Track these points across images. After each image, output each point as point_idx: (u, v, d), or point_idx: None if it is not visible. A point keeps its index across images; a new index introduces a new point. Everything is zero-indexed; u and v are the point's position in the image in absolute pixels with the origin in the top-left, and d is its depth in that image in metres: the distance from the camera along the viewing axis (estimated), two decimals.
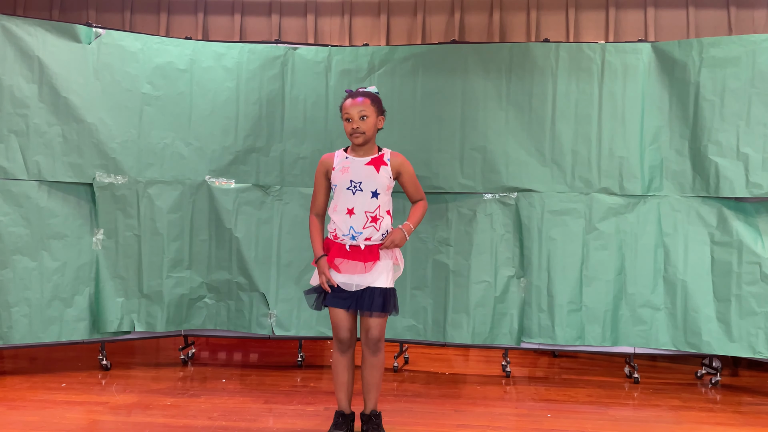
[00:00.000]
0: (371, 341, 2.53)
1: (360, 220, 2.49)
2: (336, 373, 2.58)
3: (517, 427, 2.85)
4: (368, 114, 2.51)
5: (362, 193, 2.50)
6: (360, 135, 2.50)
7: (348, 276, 2.49)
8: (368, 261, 2.49)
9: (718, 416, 3.07)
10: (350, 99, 2.53)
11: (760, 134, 3.42)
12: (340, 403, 2.60)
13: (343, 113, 2.54)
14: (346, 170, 2.53)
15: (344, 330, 2.52)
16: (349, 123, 2.51)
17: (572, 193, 3.65)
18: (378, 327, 2.51)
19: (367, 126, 2.51)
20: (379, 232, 2.52)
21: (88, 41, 3.59)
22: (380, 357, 2.56)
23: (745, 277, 3.41)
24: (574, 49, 3.65)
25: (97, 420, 2.81)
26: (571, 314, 3.61)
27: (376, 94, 2.58)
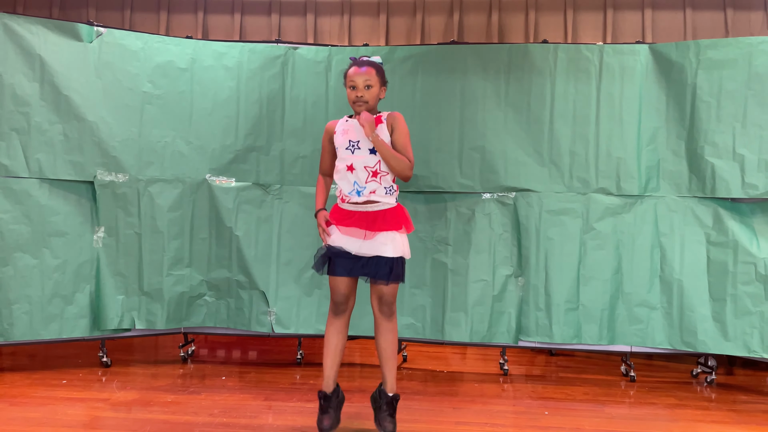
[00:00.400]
0: (384, 305, 2.59)
1: (361, 175, 2.58)
2: (328, 335, 2.63)
3: (514, 424, 2.88)
4: (372, 83, 2.58)
5: (360, 151, 2.59)
6: (363, 104, 2.57)
7: (349, 239, 2.56)
8: (371, 229, 2.56)
9: (713, 414, 3.11)
10: (356, 67, 2.59)
11: (755, 136, 3.45)
12: (324, 373, 2.61)
13: (348, 81, 2.59)
14: (346, 132, 2.64)
15: (340, 294, 2.60)
16: (353, 91, 2.57)
17: (570, 193, 3.68)
18: (390, 292, 2.58)
19: (371, 95, 2.58)
20: (382, 185, 2.58)
21: (89, 40, 3.61)
22: (394, 321, 2.62)
23: (741, 276, 3.45)
24: (573, 50, 3.68)
25: (99, 416, 2.83)
26: (568, 313, 3.65)
27: (381, 64, 2.64)
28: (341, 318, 2.62)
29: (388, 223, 2.57)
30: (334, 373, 2.62)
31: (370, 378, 3.62)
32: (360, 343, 4.50)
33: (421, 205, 3.78)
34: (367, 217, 2.58)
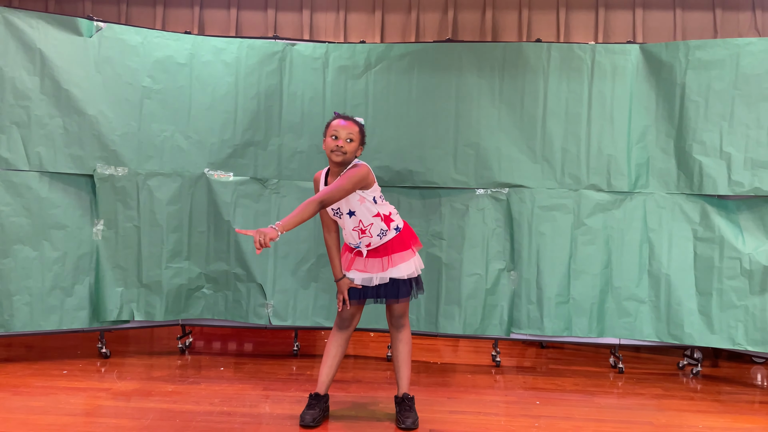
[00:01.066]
0: (395, 319, 2.78)
1: (354, 235, 2.75)
2: (329, 346, 2.79)
3: (507, 413, 2.97)
4: (354, 138, 2.69)
5: (345, 216, 2.73)
6: (341, 154, 2.65)
7: (365, 275, 2.73)
8: (384, 256, 2.73)
9: (698, 404, 3.21)
10: (341, 120, 2.70)
11: (742, 134, 3.55)
12: (319, 379, 2.79)
13: (330, 131, 2.70)
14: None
15: (349, 314, 2.78)
16: (334, 140, 2.66)
17: (561, 190, 3.77)
18: (400, 308, 2.78)
19: (350, 148, 2.67)
20: (374, 236, 2.73)
21: (89, 34, 3.64)
22: (406, 333, 2.81)
23: (726, 271, 3.55)
24: (565, 49, 3.76)
25: (101, 405, 2.89)
26: (559, 306, 3.74)
27: (363, 125, 2.76)
28: (345, 332, 2.81)
29: (396, 249, 2.74)
30: (329, 380, 2.81)
31: (364, 369, 3.70)
32: (354, 336, 4.58)
33: (416, 200, 3.85)
34: (377, 251, 2.74)
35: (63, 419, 2.69)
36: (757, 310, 3.49)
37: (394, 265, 2.72)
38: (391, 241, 2.74)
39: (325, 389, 2.79)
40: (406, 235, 2.79)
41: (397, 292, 2.73)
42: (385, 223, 2.73)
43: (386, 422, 2.79)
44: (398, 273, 2.71)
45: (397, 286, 2.73)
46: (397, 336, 2.80)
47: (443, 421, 2.82)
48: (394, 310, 2.78)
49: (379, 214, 2.72)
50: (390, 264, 2.72)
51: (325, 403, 2.80)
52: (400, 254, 2.74)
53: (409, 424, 2.69)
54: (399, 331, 2.80)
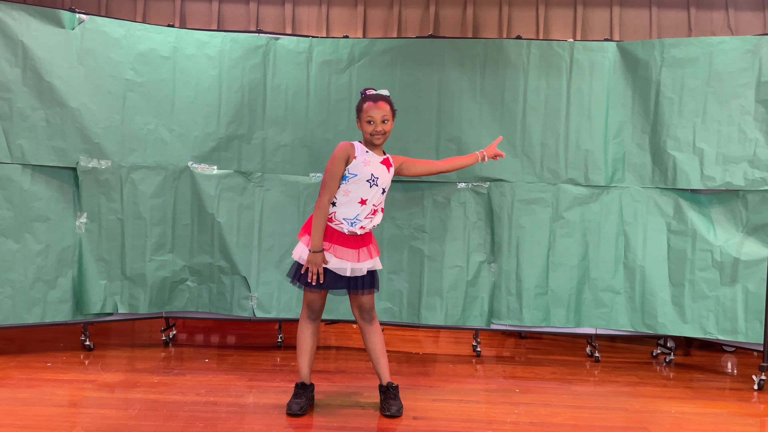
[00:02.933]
0: (365, 312, 2.82)
1: (366, 211, 2.73)
2: (302, 338, 2.82)
3: (488, 400, 3.06)
4: (388, 117, 2.74)
5: (377, 188, 2.75)
6: (381, 136, 2.73)
7: (342, 261, 2.72)
8: (359, 247, 2.75)
9: (671, 391, 3.33)
10: (370, 102, 2.72)
11: (714, 131, 3.67)
12: (301, 371, 2.83)
13: (365, 115, 2.72)
14: (368, 163, 2.74)
15: (317, 303, 2.81)
16: (371, 125, 2.71)
17: (540, 184, 3.86)
18: (369, 301, 2.81)
19: (388, 128, 2.75)
20: (372, 222, 2.78)
21: (71, 27, 3.63)
22: (376, 324, 2.85)
23: (698, 263, 3.68)
24: (545, 46, 3.84)
25: (88, 396, 2.91)
26: (537, 297, 3.84)
27: (389, 96, 2.79)
28: (315, 322, 2.85)
29: (366, 241, 2.80)
30: (310, 369, 2.86)
31: (347, 360, 3.76)
32: (337, 328, 4.64)
33: (399, 193, 3.91)
34: (357, 240, 2.76)
35: (49, 410, 2.71)
36: (728, 300, 3.61)
37: (372, 257, 2.79)
38: (367, 234, 2.81)
39: (309, 379, 2.85)
40: (372, 236, 2.88)
41: (372, 282, 2.78)
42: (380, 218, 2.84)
43: (371, 410, 2.86)
44: (375, 264, 2.80)
45: (372, 278, 2.79)
46: (370, 329, 2.84)
47: (426, 408, 2.90)
48: (364, 304, 2.80)
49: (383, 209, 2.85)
50: (370, 255, 2.77)
51: (310, 392, 2.86)
52: (376, 247, 2.84)
53: (394, 412, 2.76)
54: (371, 323, 2.83)
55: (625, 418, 2.87)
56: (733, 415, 2.97)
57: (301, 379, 2.84)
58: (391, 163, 2.84)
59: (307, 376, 2.84)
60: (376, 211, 2.78)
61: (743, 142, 3.61)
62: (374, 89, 2.80)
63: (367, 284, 2.77)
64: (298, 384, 2.83)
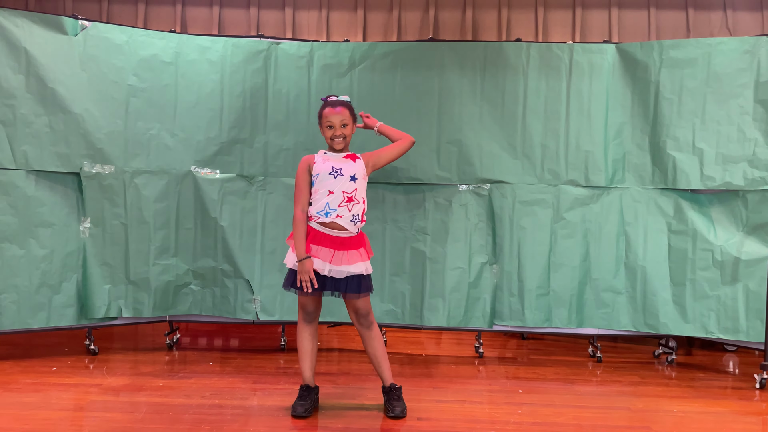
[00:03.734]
0: (361, 317, 2.82)
1: (337, 199, 2.76)
2: (301, 342, 2.84)
3: (491, 401, 3.07)
4: (347, 122, 2.84)
5: (342, 177, 2.78)
6: (342, 140, 2.83)
7: (321, 262, 2.72)
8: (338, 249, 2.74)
9: (673, 390, 3.35)
10: (329, 108, 2.82)
11: (713, 131, 3.69)
12: (304, 374, 2.85)
13: (324, 121, 2.83)
14: (327, 159, 2.82)
15: (311, 305, 2.83)
16: (331, 130, 2.82)
17: (541, 185, 3.88)
18: (364, 305, 2.81)
19: (348, 132, 2.84)
20: (350, 213, 2.77)
21: (74, 33, 3.66)
22: (375, 329, 2.85)
23: (699, 263, 3.70)
24: (544, 48, 3.87)
25: (94, 400, 2.93)
26: (539, 298, 3.85)
27: (350, 102, 2.88)
28: (313, 324, 2.86)
29: (352, 245, 2.78)
30: (313, 372, 2.88)
31: (350, 362, 3.78)
32: (339, 330, 4.66)
33: (400, 195, 3.93)
34: (334, 240, 2.76)
35: (57, 414, 2.73)
36: (729, 299, 3.63)
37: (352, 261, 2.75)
38: (352, 238, 2.80)
39: (313, 381, 2.87)
40: (362, 238, 2.86)
41: (358, 287, 2.75)
42: (362, 214, 2.82)
43: (375, 411, 2.87)
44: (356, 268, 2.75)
45: (358, 281, 2.76)
46: (369, 335, 2.84)
47: (429, 409, 2.92)
48: (359, 309, 2.80)
49: (365, 201, 2.84)
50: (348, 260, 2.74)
51: (315, 394, 2.87)
52: (368, 250, 2.85)
53: (398, 413, 2.78)
54: (369, 329, 2.84)
55: (628, 417, 2.89)
56: (735, 413, 2.99)
57: (305, 382, 2.86)
58: (359, 156, 2.88)
59: (311, 378, 2.86)
60: (351, 198, 2.77)
61: (742, 141, 3.64)
62: (335, 95, 2.89)
63: (353, 288, 2.75)
64: (303, 386, 2.86)
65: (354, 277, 2.76)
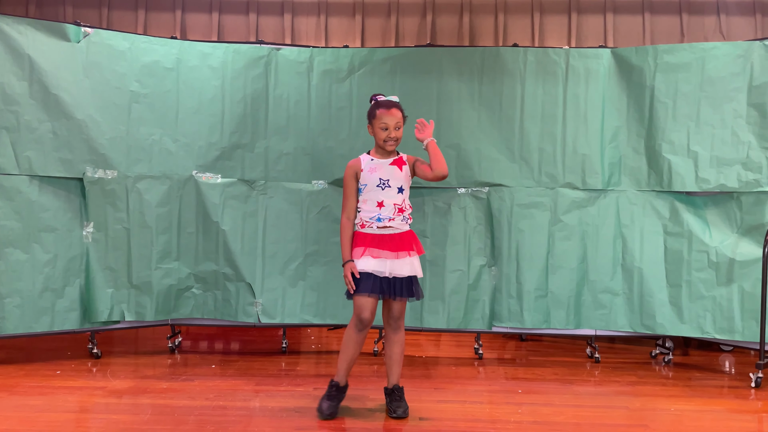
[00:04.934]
0: (393, 319, 2.84)
1: (388, 210, 2.80)
2: (347, 346, 2.81)
3: (491, 401, 3.12)
4: (401, 124, 2.83)
5: (390, 189, 2.80)
6: (394, 143, 2.82)
7: (381, 263, 2.74)
8: (399, 250, 2.77)
9: (670, 390, 3.39)
10: (384, 109, 2.81)
11: (708, 134, 3.75)
12: (339, 373, 2.84)
13: (378, 122, 2.80)
14: (374, 170, 2.83)
15: (367, 311, 2.76)
16: (385, 132, 2.80)
17: (539, 188, 3.93)
18: (400, 309, 2.83)
19: (400, 135, 2.84)
20: (401, 216, 2.82)
21: (77, 40, 3.70)
22: (401, 334, 2.87)
23: (695, 264, 3.75)
24: (541, 53, 3.93)
25: (99, 402, 2.96)
26: (538, 300, 3.90)
27: (399, 102, 2.87)
28: (363, 333, 2.81)
29: (407, 245, 2.82)
30: (347, 373, 2.86)
31: None
32: (338, 333, 4.69)
33: None
34: (393, 239, 2.79)
35: (63, 416, 2.76)
36: (724, 300, 3.68)
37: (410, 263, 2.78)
38: (405, 235, 2.82)
39: (344, 381, 2.86)
40: (414, 236, 2.89)
41: (411, 290, 2.79)
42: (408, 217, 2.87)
43: (377, 412, 2.91)
44: (414, 269, 2.79)
45: (411, 284, 2.80)
46: (394, 338, 2.86)
47: (431, 410, 2.96)
48: (394, 310, 2.82)
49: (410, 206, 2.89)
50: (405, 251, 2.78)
51: (343, 394, 2.87)
52: (414, 252, 2.83)
53: (401, 413, 2.81)
54: (396, 332, 2.86)
55: (626, 416, 2.94)
56: (731, 412, 3.04)
57: (337, 378, 2.84)
58: (405, 161, 2.88)
59: (344, 378, 2.84)
60: (402, 209, 2.82)
61: (736, 144, 3.70)
62: (384, 95, 2.88)
63: (408, 291, 2.78)
64: (333, 383, 2.83)
65: (409, 279, 2.79)
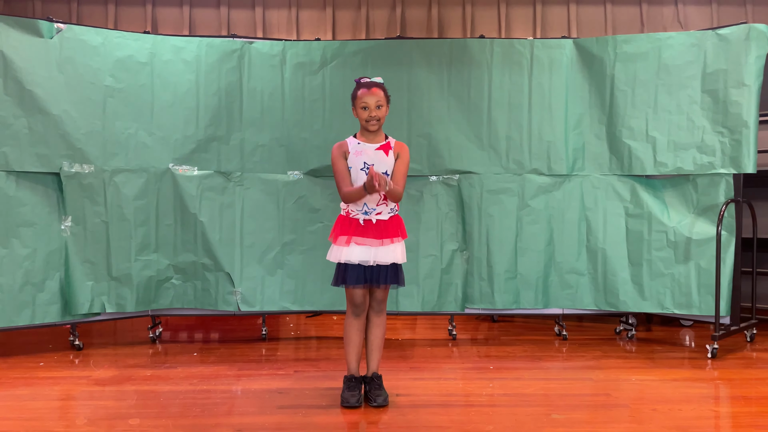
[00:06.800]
0: (376, 302, 2.86)
1: (374, 198, 2.78)
2: (349, 334, 2.86)
3: (464, 377, 3.28)
4: (382, 103, 2.81)
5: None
6: (376, 122, 2.79)
7: (366, 251, 2.76)
8: (383, 238, 2.78)
9: (632, 362, 3.59)
10: (365, 89, 2.78)
11: (665, 120, 3.94)
12: (350, 366, 2.87)
13: (359, 102, 2.78)
14: (360, 153, 2.80)
15: (360, 296, 2.82)
16: (366, 111, 2.77)
17: (507, 174, 4.09)
18: (384, 293, 2.86)
19: (382, 114, 2.81)
20: (387, 207, 2.82)
21: (49, 36, 3.73)
22: (383, 317, 2.90)
23: (654, 243, 3.95)
24: (507, 44, 4.07)
25: (85, 390, 3.04)
26: (507, 282, 4.07)
27: (383, 83, 2.85)
28: (360, 318, 2.87)
29: (392, 232, 2.82)
30: (358, 363, 2.89)
31: (329, 348, 3.94)
32: (317, 320, 4.81)
33: None
34: (378, 226, 2.79)
35: (50, 404, 2.83)
36: (682, 277, 3.89)
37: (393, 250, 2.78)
38: (391, 221, 2.82)
39: (358, 371, 2.89)
40: (400, 222, 2.89)
41: (396, 277, 2.83)
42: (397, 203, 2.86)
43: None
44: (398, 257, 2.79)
45: (396, 271, 2.82)
46: (377, 321, 2.88)
47: (407, 386, 3.10)
48: (377, 294, 2.84)
49: None
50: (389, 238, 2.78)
51: (362, 384, 2.91)
52: (398, 238, 2.82)
53: (381, 402, 2.83)
54: (378, 315, 2.89)
55: (591, 386, 3.12)
56: (689, 380, 3.24)
57: (350, 372, 2.88)
58: (391, 147, 2.85)
59: (356, 369, 2.88)
60: (387, 197, 2.77)
61: (692, 129, 3.89)
62: (368, 77, 2.85)
63: (392, 278, 2.80)
64: (348, 377, 2.88)
65: (393, 267, 2.80)
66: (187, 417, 2.66)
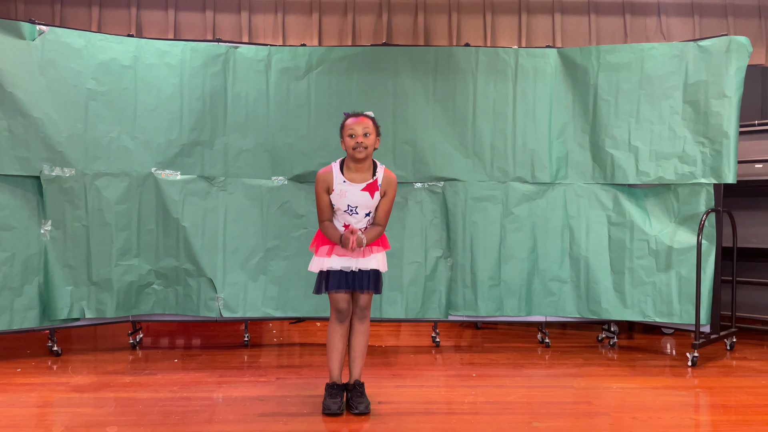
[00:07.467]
0: (360, 309, 2.85)
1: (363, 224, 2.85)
2: (332, 341, 2.85)
3: (447, 385, 3.27)
4: (370, 132, 2.78)
5: (358, 216, 2.81)
6: (363, 150, 2.74)
7: (347, 259, 2.78)
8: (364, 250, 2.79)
9: (614, 370, 3.61)
10: (353, 118, 2.80)
11: (647, 130, 3.98)
12: (332, 373, 2.86)
13: (347, 130, 2.77)
14: (344, 195, 2.78)
15: (343, 302, 2.81)
16: (352, 139, 2.74)
17: (491, 182, 4.10)
18: (367, 300, 2.86)
19: (369, 142, 2.77)
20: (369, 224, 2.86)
21: (32, 38, 3.69)
22: (366, 324, 2.90)
23: (636, 252, 3.98)
24: (492, 53, 4.10)
25: (63, 397, 2.99)
26: (491, 289, 4.08)
27: (374, 117, 2.86)
28: (344, 324, 2.87)
29: (374, 243, 2.83)
30: (340, 370, 2.88)
31: (312, 355, 3.92)
32: (300, 327, 4.79)
33: None
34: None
35: (27, 410, 2.79)
36: (663, 285, 3.93)
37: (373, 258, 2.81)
38: None
39: (340, 378, 2.88)
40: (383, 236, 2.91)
41: (376, 284, 2.84)
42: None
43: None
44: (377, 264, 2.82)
45: (377, 278, 2.84)
46: (360, 328, 2.89)
47: (389, 394, 3.09)
48: (361, 301, 2.84)
49: None
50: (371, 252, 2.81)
51: (344, 391, 2.90)
52: (379, 248, 2.85)
53: (362, 409, 2.81)
54: (362, 322, 2.89)
55: (572, 394, 3.13)
56: (669, 388, 3.27)
57: (332, 380, 2.87)
58: (378, 186, 2.81)
59: (338, 376, 2.87)
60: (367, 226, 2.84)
61: (673, 139, 3.94)
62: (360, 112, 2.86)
63: (372, 285, 2.82)
64: (330, 384, 2.86)
65: (370, 274, 2.81)
66: (166, 425, 2.63)
